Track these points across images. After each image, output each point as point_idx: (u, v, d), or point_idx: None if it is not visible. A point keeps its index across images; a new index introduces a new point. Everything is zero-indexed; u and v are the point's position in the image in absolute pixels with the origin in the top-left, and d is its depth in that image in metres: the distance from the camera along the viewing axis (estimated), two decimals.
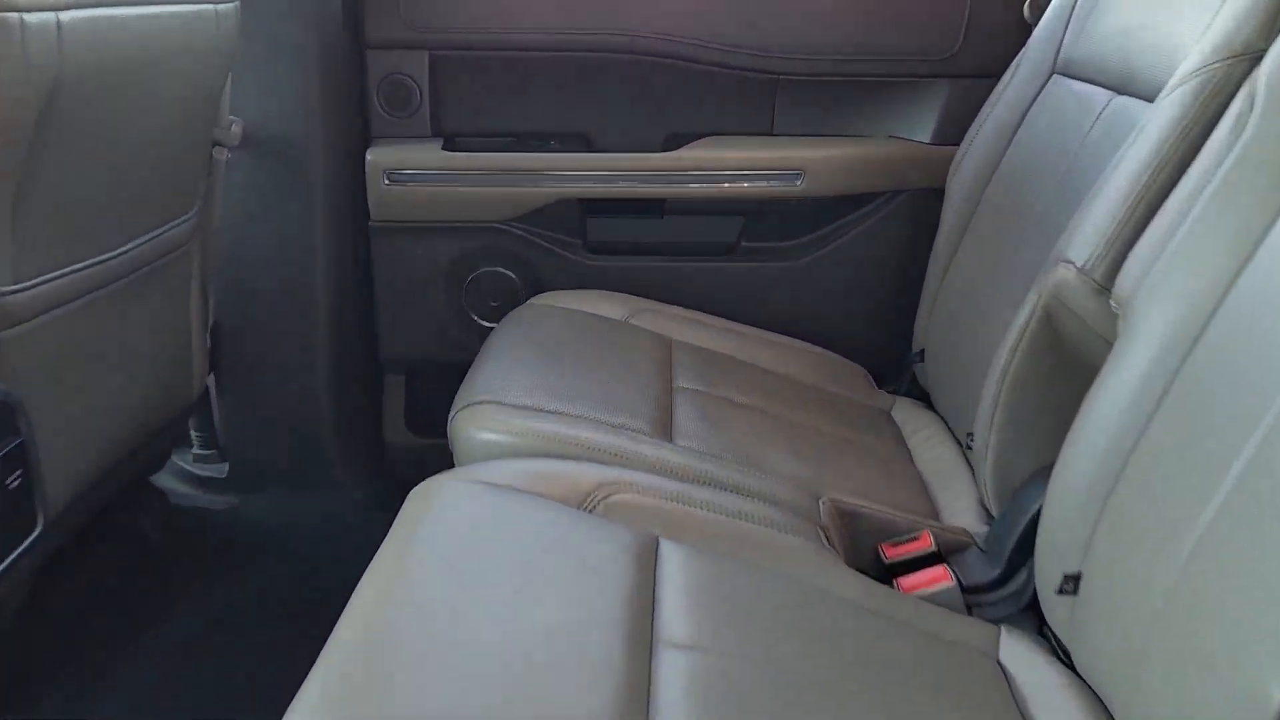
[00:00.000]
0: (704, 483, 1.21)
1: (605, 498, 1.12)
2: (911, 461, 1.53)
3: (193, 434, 2.08)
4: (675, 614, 0.93)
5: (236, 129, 1.81)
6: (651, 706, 0.81)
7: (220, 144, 1.77)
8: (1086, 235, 1.10)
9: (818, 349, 1.84)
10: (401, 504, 1.13)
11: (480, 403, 1.32)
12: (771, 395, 1.55)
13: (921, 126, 1.93)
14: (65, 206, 1.32)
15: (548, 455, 1.23)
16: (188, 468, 2.09)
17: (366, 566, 1.00)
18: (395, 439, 2.03)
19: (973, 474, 1.38)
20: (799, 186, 1.89)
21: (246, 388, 1.98)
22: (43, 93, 1.16)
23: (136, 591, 1.77)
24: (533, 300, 1.79)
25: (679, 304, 1.88)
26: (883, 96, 1.94)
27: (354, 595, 0.96)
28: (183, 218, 1.66)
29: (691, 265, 1.96)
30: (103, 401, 1.50)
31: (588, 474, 1.15)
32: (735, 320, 1.88)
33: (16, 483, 1.07)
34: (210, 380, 1.95)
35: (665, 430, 1.35)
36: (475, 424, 1.28)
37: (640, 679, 0.83)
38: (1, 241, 1.22)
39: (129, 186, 1.47)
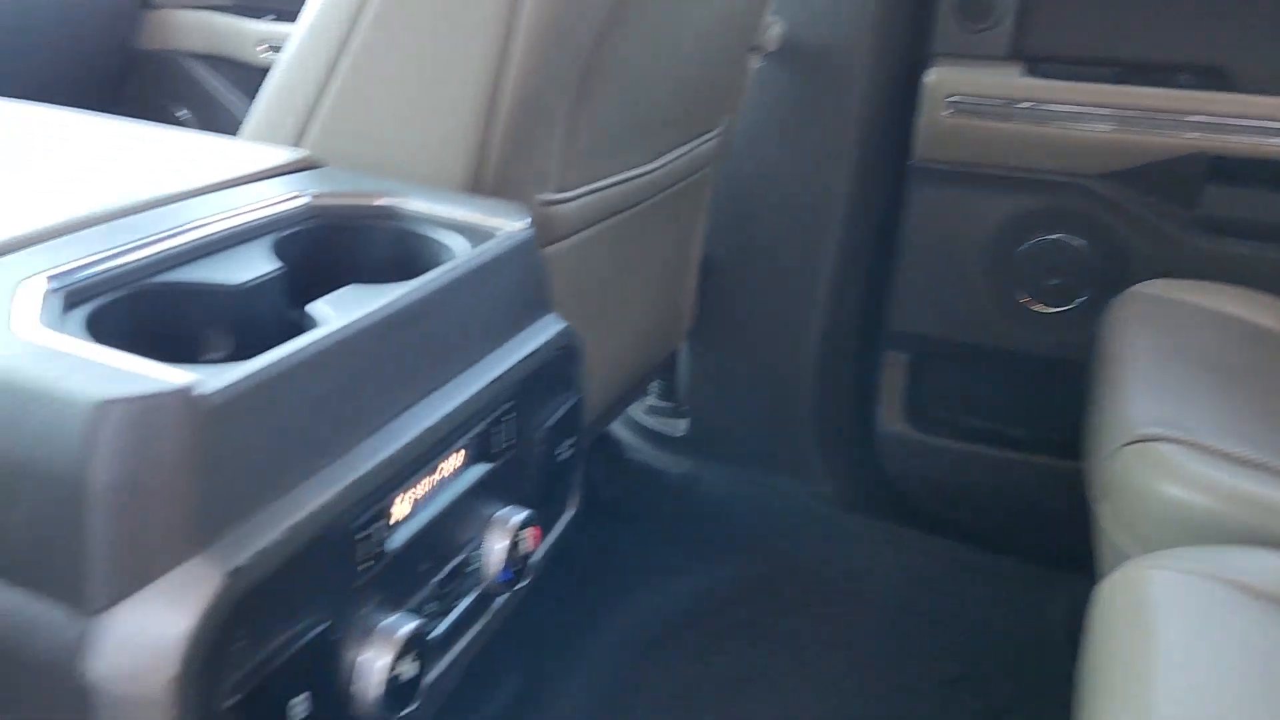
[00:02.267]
0: None
1: None
2: None
3: (651, 383, 1.83)
4: None
5: (776, 31, 1.49)
6: None
7: (756, 48, 1.46)
8: None
9: None
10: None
11: (1157, 439, 0.89)
12: None
13: None
14: (618, 111, 1.05)
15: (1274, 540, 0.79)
16: (640, 419, 1.85)
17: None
18: (888, 429, 1.66)
19: None
20: None
21: (723, 339, 1.70)
22: None
23: (583, 546, 1.55)
24: (1136, 288, 1.33)
25: None
26: None
27: None
28: (709, 134, 1.37)
29: None
30: (610, 339, 1.25)
31: None
32: None
33: (567, 455, 0.80)
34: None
35: None
36: (1158, 473, 0.86)
37: None
38: (556, 145, 0.96)
39: (673, 94, 1.19)
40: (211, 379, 0.50)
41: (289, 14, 1.59)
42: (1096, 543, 0.93)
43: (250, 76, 1.62)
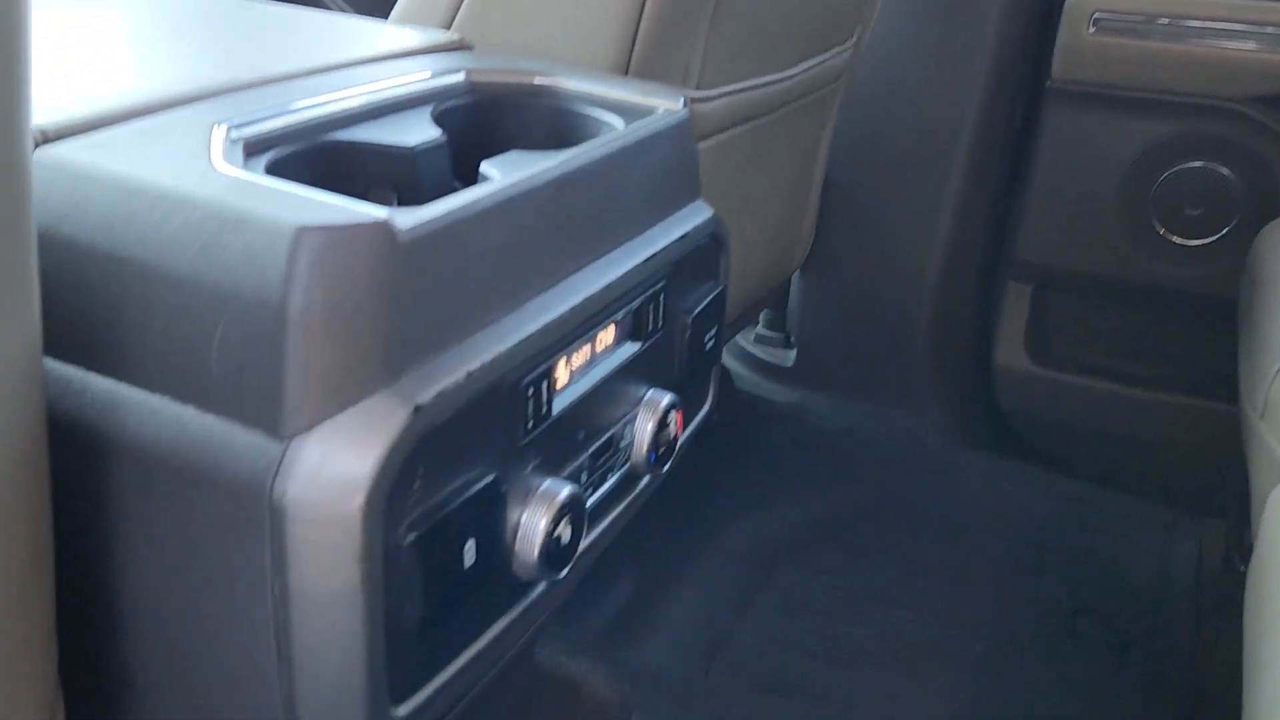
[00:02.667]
0: None
1: None
2: None
3: (762, 311, 1.81)
4: None
5: None
6: None
7: None
8: None
9: None
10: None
11: None
12: None
13: None
14: (756, 15, 1.03)
15: None
16: (747, 347, 1.83)
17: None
18: (1008, 363, 1.62)
19: None
20: None
21: (838, 265, 1.67)
22: None
23: (692, 467, 1.55)
24: None
25: None
26: None
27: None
28: (841, 47, 1.33)
29: None
30: (735, 248, 1.23)
31: None
32: None
33: (711, 344, 0.80)
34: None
35: None
36: None
37: None
38: (699, 41, 0.94)
39: (806, 2, 1.16)
40: (405, 216, 0.51)
41: None
42: (1254, 465, 0.90)
43: None
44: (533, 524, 0.61)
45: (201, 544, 0.51)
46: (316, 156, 0.63)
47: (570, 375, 0.65)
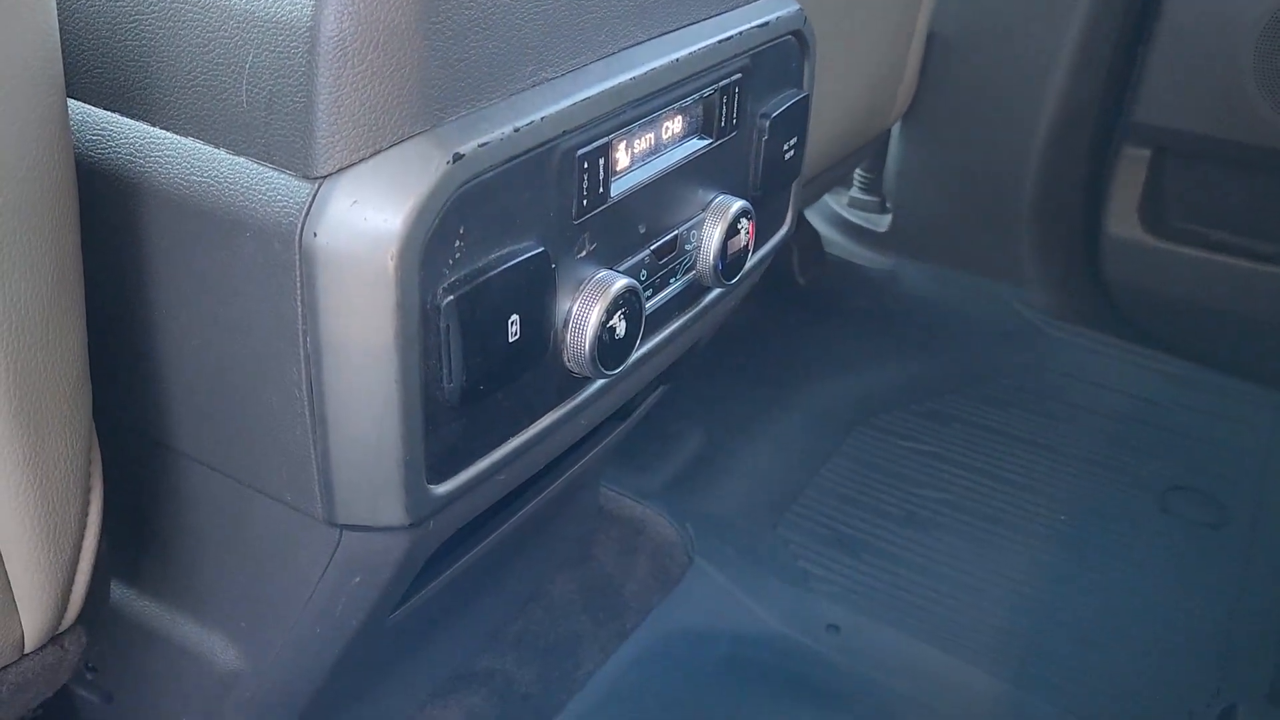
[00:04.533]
0: None
1: None
2: None
3: (856, 174, 1.73)
4: None
5: None
6: None
7: None
8: None
9: None
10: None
11: None
12: None
13: None
14: None
15: None
16: (840, 211, 1.76)
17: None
18: (1120, 233, 1.51)
19: None
20: None
21: (939, 127, 1.57)
22: None
23: (775, 330, 1.50)
24: None
25: None
26: None
27: None
28: None
29: None
30: (826, 94, 1.16)
31: None
32: None
33: (790, 155, 0.74)
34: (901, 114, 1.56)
35: None
36: None
37: None
38: None
39: None
40: None
41: None
42: None
43: None
44: (585, 313, 0.57)
45: (233, 292, 0.49)
46: None
47: (631, 159, 0.60)
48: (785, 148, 0.75)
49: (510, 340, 0.53)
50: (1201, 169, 1.48)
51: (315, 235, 0.46)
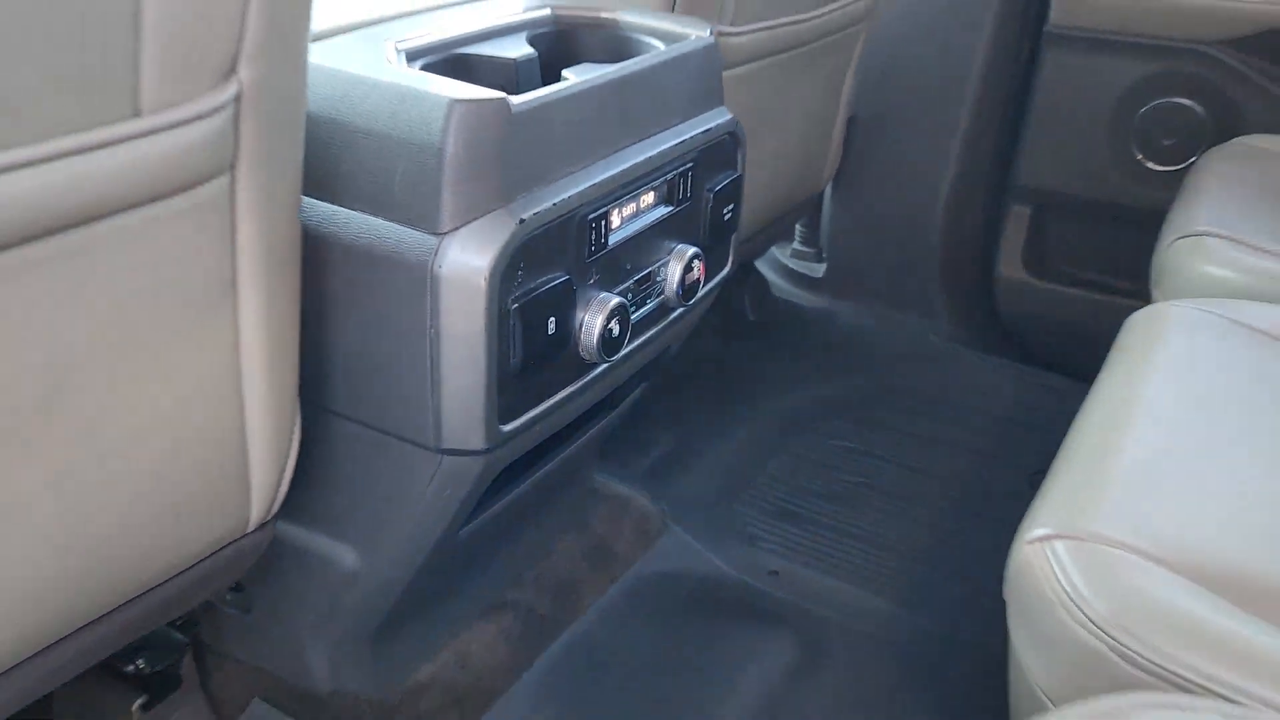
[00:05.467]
0: None
1: None
2: None
3: (797, 229, 2.08)
4: None
5: None
6: None
7: None
8: None
9: None
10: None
11: (1202, 234, 1.10)
12: None
13: None
14: None
15: None
16: (785, 261, 2.10)
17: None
18: (1009, 274, 1.87)
19: None
20: None
21: (863, 191, 1.92)
22: None
23: (732, 356, 1.84)
24: (1237, 139, 1.49)
25: None
26: None
27: (1081, 415, 0.85)
28: None
29: None
30: (762, 167, 1.50)
31: None
32: None
33: (730, 210, 1.07)
34: (830, 180, 1.91)
35: None
36: (1199, 257, 1.07)
37: None
38: None
39: None
40: (515, 98, 0.79)
41: None
42: None
43: None
44: (592, 319, 0.90)
45: (386, 303, 0.81)
46: (452, 63, 0.91)
47: (621, 221, 0.93)
48: (725, 211, 1.08)
49: (549, 334, 0.85)
50: (1072, 222, 1.83)
51: (440, 268, 0.78)
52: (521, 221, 0.80)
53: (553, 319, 0.85)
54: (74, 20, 0.55)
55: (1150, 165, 1.70)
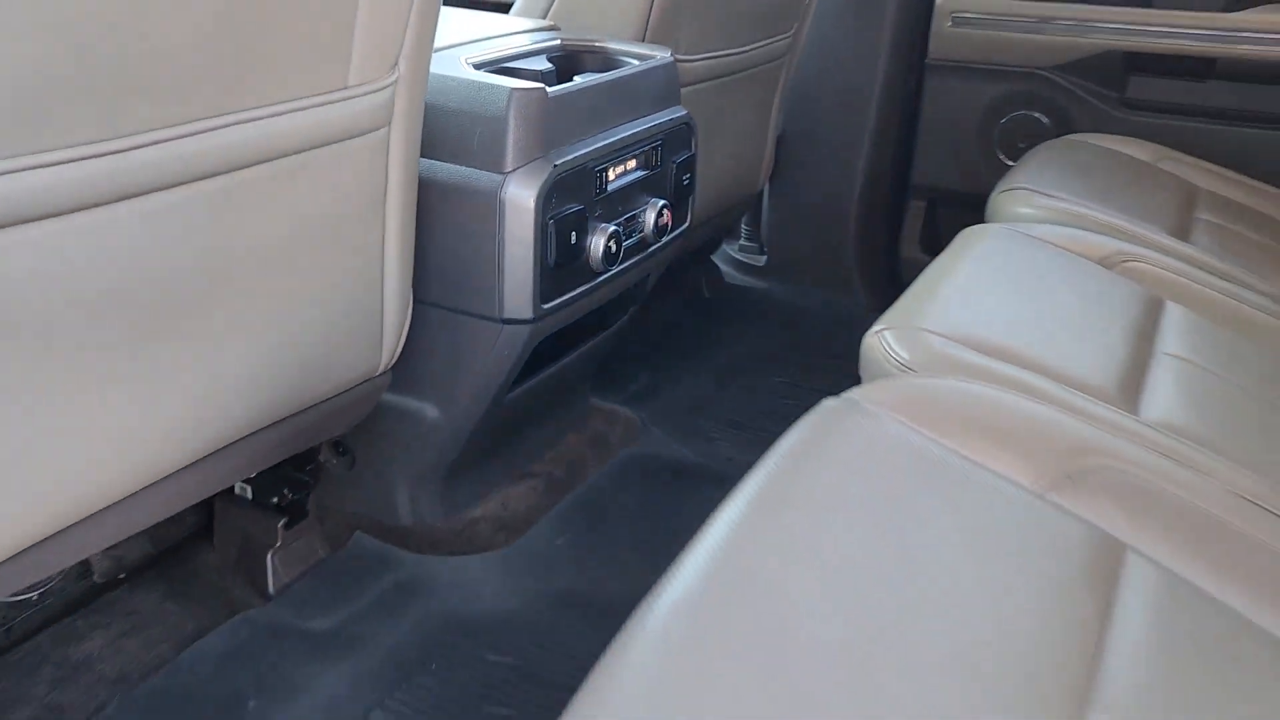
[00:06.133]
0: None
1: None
2: None
3: (743, 227, 2.55)
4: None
5: None
6: None
7: None
8: None
9: None
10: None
11: (1016, 189, 1.58)
12: None
13: None
14: (719, 13, 1.77)
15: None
16: (734, 254, 2.57)
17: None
18: (909, 255, 2.35)
19: None
20: None
21: (793, 193, 2.40)
22: None
23: (692, 323, 2.29)
24: (1065, 136, 1.99)
25: None
26: None
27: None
28: (784, 34, 2.07)
29: (1234, 131, 2.02)
30: (710, 166, 1.97)
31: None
32: None
33: (688, 177, 1.53)
34: (765, 184, 2.39)
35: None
36: (1014, 201, 1.55)
37: None
38: (682, 26, 1.69)
39: (754, 5, 1.90)
40: (552, 90, 1.25)
41: None
42: None
43: None
44: (597, 239, 1.34)
45: (468, 219, 1.25)
46: (502, 71, 1.37)
47: (615, 176, 1.38)
48: (684, 178, 1.54)
49: (571, 244, 1.30)
50: (955, 209, 2.32)
51: (504, 195, 1.23)
52: (555, 166, 1.25)
53: (574, 233, 1.30)
54: (321, 25, 1.00)
55: (1009, 163, 2.19)
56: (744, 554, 0.74)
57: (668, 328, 2.21)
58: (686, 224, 1.61)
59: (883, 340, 1.13)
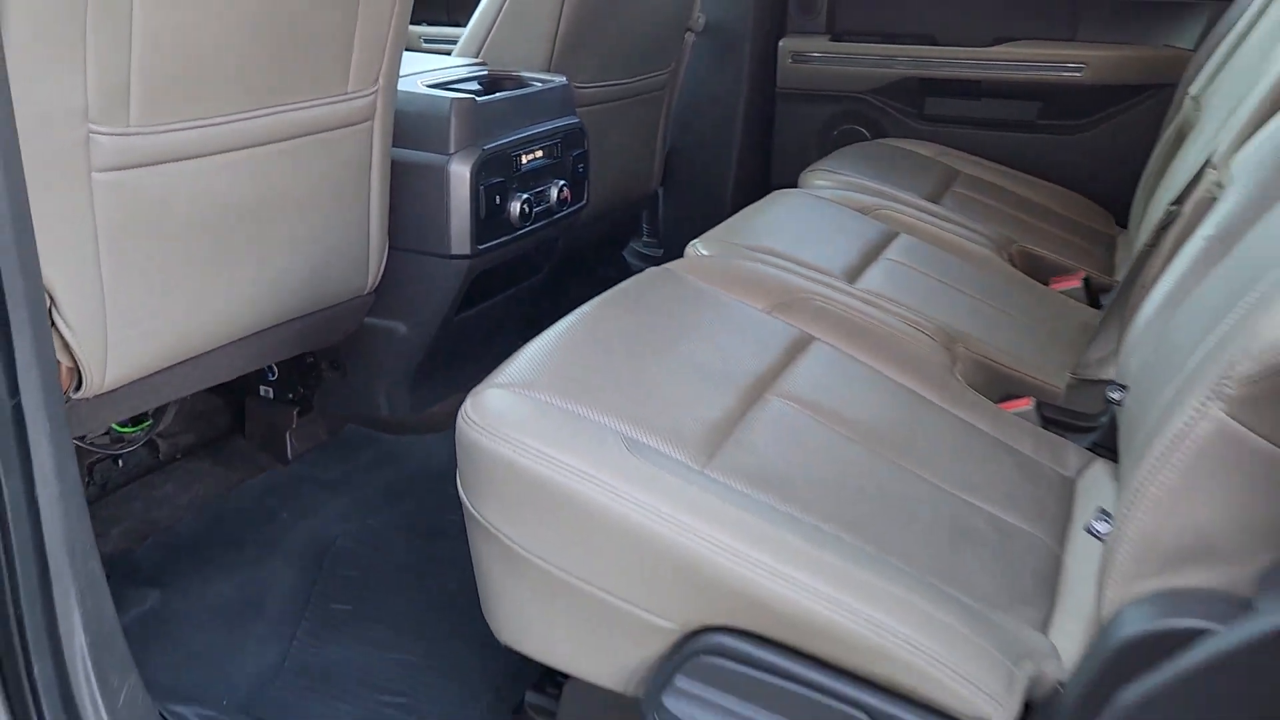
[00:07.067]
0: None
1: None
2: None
3: (644, 226, 3.18)
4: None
5: (701, 20, 2.84)
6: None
7: (690, 30, 2.80)
8: None
9: (1073, 193, 2.52)
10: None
11: (816, 169, 2.22)
12: (1011, 224, 2.29)
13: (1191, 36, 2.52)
14: (608, 50, 2.40)
15: None
16: (638, 249, 3.19)
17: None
18: None
19: None
20: (1080, 76, 2.57)
21: (680, 194, 3.03)
22: None
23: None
24: (873, 141, 2.65)
25: None
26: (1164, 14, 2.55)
27: None
28: (663, 70, 2.71)
29: (999, 135, 2.70)
30: (605, 171, 2.59)
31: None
32: None
33: (581, 167, 2.14)
34: (659, 190, 3.02)
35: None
36: (813, 175, 2.19)
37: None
38: (578, 61, 2.32)
39: (639, 42, 2.54)
40: (481, 99, 1.86)
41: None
42: None
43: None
44: (514, 204, 1.95)
45: (424, 187, 1.85)
46: (447, 89, 1.98)
47: (528, 161, 1.99)
48: (579, 167, 2.15)
49: (496, 204, 1.90)
50: None
51: (449, 169, 1.83)
52: (483, 150, 1.85)
53: (498, 197, 1.90)
54: (330, 53, 1.60)
55: None
56: (577, 328, 1.34)
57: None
58: (584, 202, 2.22)
59: (695, 248, 1.74)
